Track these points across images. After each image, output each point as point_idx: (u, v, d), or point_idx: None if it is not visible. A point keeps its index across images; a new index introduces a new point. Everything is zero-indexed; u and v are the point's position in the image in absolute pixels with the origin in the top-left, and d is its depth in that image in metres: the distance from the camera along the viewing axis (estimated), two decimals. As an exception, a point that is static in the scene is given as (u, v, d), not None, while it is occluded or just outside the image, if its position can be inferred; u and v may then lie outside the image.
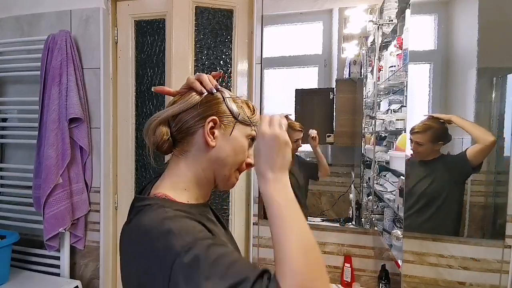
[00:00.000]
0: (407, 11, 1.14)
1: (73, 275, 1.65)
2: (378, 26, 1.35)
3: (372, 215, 1.43)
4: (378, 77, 1.37)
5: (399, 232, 1.15)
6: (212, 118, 0.56)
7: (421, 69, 1.12)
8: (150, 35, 1.68)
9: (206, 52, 1.59)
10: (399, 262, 1.10)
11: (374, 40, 1.39)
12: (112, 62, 1.66)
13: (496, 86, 0.99)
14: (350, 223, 1.48)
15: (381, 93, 1.43)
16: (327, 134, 1.51)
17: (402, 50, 1.18)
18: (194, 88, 0.58)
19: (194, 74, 1.61)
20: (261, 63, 1.54)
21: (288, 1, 1.52)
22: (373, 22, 1.38)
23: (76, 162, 1.56)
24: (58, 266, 1.61)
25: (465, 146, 1.01)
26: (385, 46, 1.38)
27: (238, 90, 1.60)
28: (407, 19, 1.14)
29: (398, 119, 1.22)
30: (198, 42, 1.57)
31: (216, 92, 0.59)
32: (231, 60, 1.61)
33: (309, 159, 1.55)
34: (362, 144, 1.47)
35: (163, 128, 0.57)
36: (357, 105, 1.48)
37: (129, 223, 0.54)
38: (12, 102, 1.77)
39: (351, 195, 1.50)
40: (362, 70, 1.47)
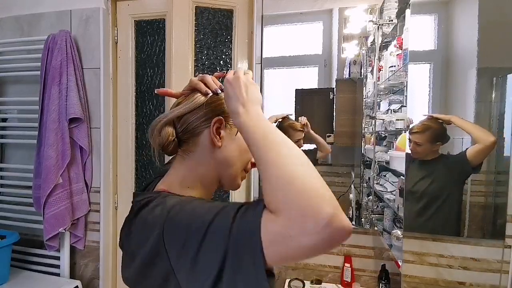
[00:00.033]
0: (407, 11, 1.14)
1: (73, 275, 1.65)
2: (378, 26, 1.35)
3: (372, 215, 1.43)
4: (378, 77, 1.37)
5: (399, 232, 1.15)
6: (217, 119, 0.56)
7: (421, 69, 1.12)
8: (150, 35, 1.68)
9: (206, 52, 1.59)
10: (399, 262, 1.10)
11: (374, 40, 1.39)
12: (112, 62, 1.66)
13: (496, 86, 0.99)
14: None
15: (381, 93, 1.43)
16: (327, 134, 1.51)
17: (402, 50, 1.18)
18: (198, 89, 0.59)
19: (194, 74, 1.62)
20: (261, 63, 1.54)
21: (288, 1, 1.52)
22: (373, 22, 1.38)
23: (76, 162, 1.56)
24: (58, 266, 1.61)
25: (465, 146, 1.00)
26: (385, 46, 1.38)
27: (238, 90, 1.60)
28: (407, 19, 1.14)
29: (398, 119, 1.21)
30: (198, 42, 1.57)
31: (221, 92, 0.59)
32: (231, 60, 1.61)
33: (307, 149, 1.52)
34: (362, 144, 1.47)
35: (169, 129, 0.57)
36: (357, 105, 1.48)
37: (134, 217, 0.53)
38: (12, 102, 1.77)
39: (351, 195, 1.50)
40: (362, 70, 1.47)
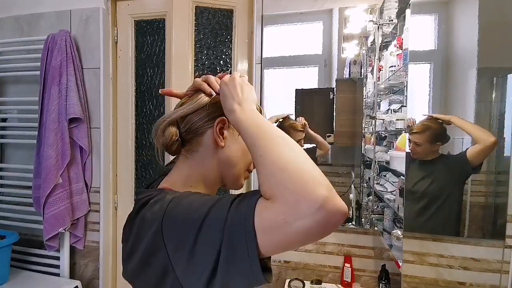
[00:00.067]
0: (407, 11, 1.14)
1: (73, 275, 1.65)
2: (378, 26, 1.35)
3: (372, 215, 1.43)
4: (378, 77, 1.37)
5: (399, 232, 1.15)
6: (221, 119, 0.56)
7: (421, 69, 1.12)
8: (150, 35, 1.68)
9: (206, 52, 1.59)
10: (399, 262, 1.10)
11: (374, 40, 1.39)
12: (112, 62, 1.66)
13: (496, 86, 0.99)
14: (350, 223, 1.48)
15: (381, 93, 1.43)
16: (327, 134, 1.51)
17: (402, 50, 1.18)
18: (202, 90, 0.59)
19: (194, 74, 1.62)
20: (261, 63, 1.54)
21: (288, 1, 1.52)
22: (373, 22, 1.38)
23: (76, 162, 1.56)
24: (58, 266, 1.61)
25: (465, 146, 1.00)
26: (385, 46, 1.38)
27: (238, 90, 1.60)
28: (407, 19, 1.14)
29: (398, 119, 1.21)
30: (198, 42, 1.57)
31: None
32: (231, 60, 1.61)
33: (306, 148, 1.51)
34: (362, 144, 1.47)
35: (172, 129, 0.58)
36: (357, 105, 1.48)
37: (136, 213, 0.53)
38: (12, 102, 1.77)
39: (351, 195, 1.50)
40: (362, 70, 1.47)
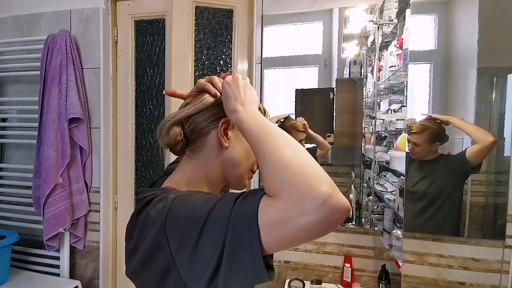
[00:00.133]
0: (407, 11, 1.13)
1: (73, 275, 1.65)
2: (378, 26, 1.35)
3: (372, 215, 1.43)
4: (378, 77, 1.37)
5: (399, 232, 1.15)
6: (225, 119, 0.56)
7: (421, 69, 1.12)
8: (150, 35, 1.68)
9: (206, 52, 1.58)
10: (399, 262, 1.10)
11: (374, 40, 1.39)
12: (112, 62, 1.66)
13: (496, 86, 0.99)
14: (350, 223, 1.48)
15: (381, 93, 1.43)
16: (327, 134, 1.51)
17: (402, 50, 1.18)
18: (207, 90, 0.59)
19: (194, 74, 1.62)
20: (261, 63, 1.54)
21: (288, 1, 1.52)
22: (373, 22, 1.38)
23: (76, 162, 1.56)
24: (58, 266, 1.61)
25: (465, 146, 1.00)
26: (385, 46, 1.38)
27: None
28: (407, 19, 1.14)
29: (398, 119, 1.21)
30: (198, 42, 1.57)
31: None
32: (231, 60, 1.60)
33: (307, 148, 1.51)
34: (362, 144, 1.47)
35: (177, 129, 0.58)
36: (357, 105, 1.48)
37: (139, 212, 0.53)
38: (12, 102, 1.77)
39: (351, 195, 1.50)
40: (362, 70, 1.47)
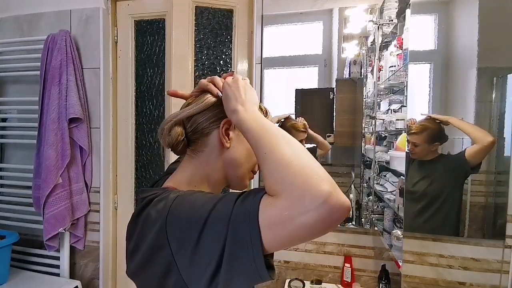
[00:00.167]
0: (407, 11, 1.13)
1: (73, 275, 1.65)
2: (378, 26, 1.35)
3: (372, 215, 1.43)
4: (378, 77, 1.37)
5: (399, 232, 1.15)
6: (227, 120, 0.56)
7: (421, 69, 1.12)
8: (150, 35, 1.68)
9: (206, 52, 1.58)
10: (399, 262, 1.10)
11: (374, 40, 1.39)
12: (112, 62, 1.66)
13: (496, 86, 0.99)
14: (350, 223, 1.48)
15: (381, 93, 1.43)
16: (327, 134, 1.51)
17: (402, 50, 1.18)
18: (209, 90, 0.59)
19: (194, 74, 1.61)
20: (261, 63, 1.54)
21: (288, 1, 1.52)
22: (373, 22, 1.38)
23: (76, 162, 1.56)
24: (58, 266, 1.61)
25: (465, 146, 1.00)
26: (385, 46, 1.38)
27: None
28: (407, 19, 1.14)
29: (398, 119, 1.21)
30: (198, 42, 1.57)
31: None
32: (231, 60, 1.60)
33: (307, 148, 1.52)
34: (362, 144, 1.47)
35: (178, 128, 0.58)
36: (357, 105, 1.48)
37: (140, 212, 0.53)
38: (12, 102, 1.77)
39: (351, 195, 1.50)
40: (362, 70, 1.47)
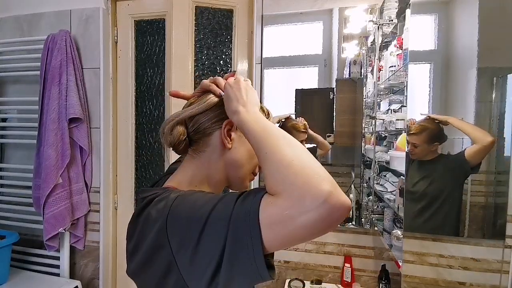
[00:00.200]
0: (407, 11, 1.13)
1: (73, 275, 1.65)
2: (378, 26, 1.35)
3: (372, 215, 1.43)
4: (378, 77, 1.37)
5: (399, 232, 1.15)
6: (229, 121, 0.56)
7: (421, 69, 1.12)
8: (150, 35, 1.68)
9: (206, 52, 1.58)
10: (399, 262, 1.10)
11: (374, 40, 1.39)
12: (112, 62, 1.66)
13: (496, 86, 0.99)
14: (350, 223, 1.48)
15: (381, 93, 1.43)
16: (327, 134, 1.51)
17: (402, 50, 1.18)
18: (212, 91, 0.59)
19: (194, 74, 1.61)
20: (261, 63, 1.54)
21: (288, 1, 1.52)
22: (373, 22, 1.38)
23: (76, 162, 1.56)
24: (58, 266, 1.61)
25: (465, 146, 1.00)
26: (385, 46, 1.38)
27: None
28: (407, 19, 1.14)
29: (398, 119, 1.21)
30: (198, 42, 1.57)
31: None
32: (231, 60, 1.60)
33: (307, 147, 1.52)
34: (362, 144, 1.47)
35: (180, 128, 0.58)
36: (357, 105, 1.48)
37: (141, 211, 0.53)
38: (12, 102, 1.77)
39: (351, 195, 1.50)
40: (362, 70, 1.47)
